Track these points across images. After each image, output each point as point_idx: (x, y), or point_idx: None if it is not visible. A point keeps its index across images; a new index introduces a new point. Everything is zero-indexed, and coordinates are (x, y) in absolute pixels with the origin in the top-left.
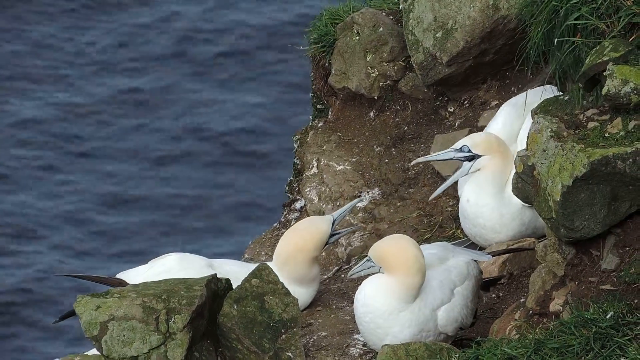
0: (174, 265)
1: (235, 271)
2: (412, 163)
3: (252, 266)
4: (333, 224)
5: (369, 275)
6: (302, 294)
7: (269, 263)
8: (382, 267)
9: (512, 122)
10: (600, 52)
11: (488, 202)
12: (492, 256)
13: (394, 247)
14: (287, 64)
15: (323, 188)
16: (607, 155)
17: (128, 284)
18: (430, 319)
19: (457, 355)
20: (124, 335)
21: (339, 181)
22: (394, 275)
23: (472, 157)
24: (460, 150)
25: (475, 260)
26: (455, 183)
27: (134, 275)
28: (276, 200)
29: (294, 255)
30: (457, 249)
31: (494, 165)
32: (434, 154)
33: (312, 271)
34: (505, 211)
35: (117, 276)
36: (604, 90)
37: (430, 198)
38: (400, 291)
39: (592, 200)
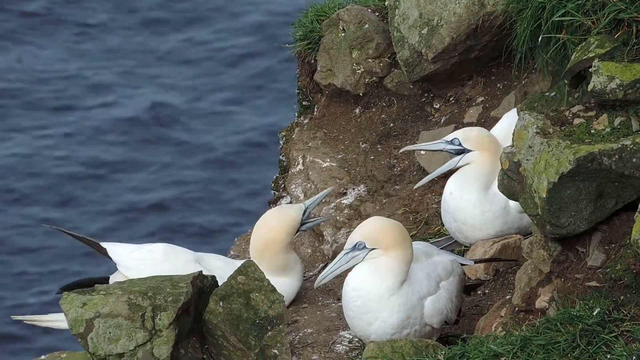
0: (159, 255)
1: (220, 267)
2: (401, 150)
3: (238, 263)
4: (305, 212)
5: (346, 269)
6: (287, 284)
7: (238, 261)
8: (377, 247)
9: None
10: (586, 49)
11: (471, 197)
12: (475, 263)
13: (386, 225)
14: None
15: (309, 185)
16: (593, 152)
17: (109, 256)
18: (418, 306)
19: (443, 352)
20: (110, 333)
21: (324, 178)
22: (391, 253)
23: (462, 151)
24: (451, 142)
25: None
26: (444, 178)
27: (119, 250)
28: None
29: (268, 245)
30: (441, 250)
31: (483, 162)
32: (424, 144)
33: (289, 258)
34: (487, 209)
35: (103, 244)
36: (590, 87)
37: (415, 187)
38: (397, 268)
39: (578, 197)
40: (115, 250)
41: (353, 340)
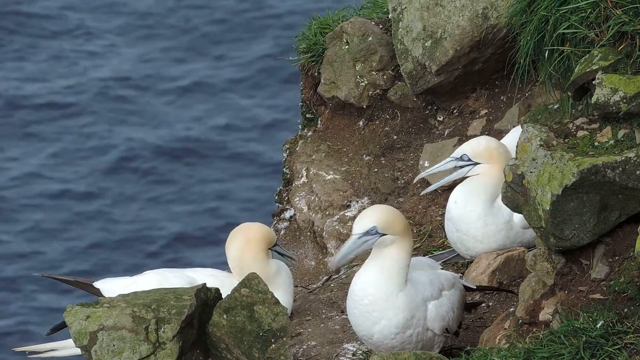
0: (153, 287)
1: (213, 284)
2: (415, 180)
3: (234, 278)
4: (276, 241)
5: (357, 253)
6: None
7: (231, 276)
8: (389, 233)
9: None
10: (589, 61)
11: (475, 208)
12: (477, 288)
13: (395, 211)
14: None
15: (312, 197)
16: (597, 164)
17: (102, 294)
18: (422, 308)
19: None
20: (113, 345)
21: (328, 190)
22: (398, 243)
23: (474, 165)
24: (461, 159)
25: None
26: (447, 190)
27: (112, 287)
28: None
29: (244, 251)
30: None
31: (491, 174)
32: (435, 167)
33: (270, 267)
34: (490, 221)
35: (95, 285)
36: (593, 99)
37: (422, 193)
38: (403, 261)
39: (582, 209)
40: (109, 288)
41: (357, 352)
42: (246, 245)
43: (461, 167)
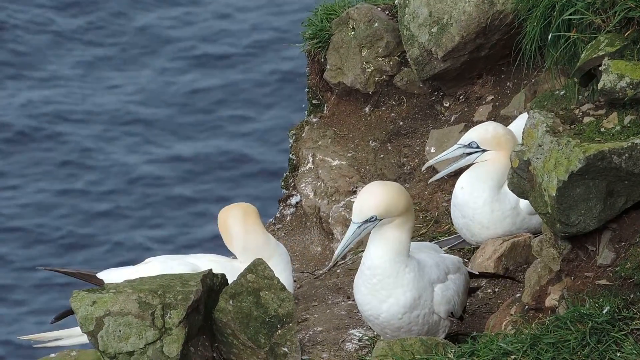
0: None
1: (218, 270)
2: (423, 168)
3: (235, 262)
4: None
5: (358, 240)
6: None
7: (235, 261)
8: (389, 216)
9: None
10: (595, 47)
11: (481, 194)
12: (480, 274)
13: (393, 196)
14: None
15: (318, 183)
16: (603, 150)
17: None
18: (428, 289)
19: (453, 350)
20: (120, 331)
21: (334, 176)
22: (398, 220)
23: (482, 152)
24: (469, 146)
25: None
26: (454, 176)
27: (116, 278)
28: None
29: (245, 223)
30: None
31: (499, 161)
32: (442, 154)
33: (270, 241)
34: (497, 207)
35: (99, 275)
36: (600, 85)
37: (429, 181)
38: (407, 234)
39: (588, 195)
40: (112, 278)
41: (363, 338)
42: (245, 218)
43: (469, 154)
